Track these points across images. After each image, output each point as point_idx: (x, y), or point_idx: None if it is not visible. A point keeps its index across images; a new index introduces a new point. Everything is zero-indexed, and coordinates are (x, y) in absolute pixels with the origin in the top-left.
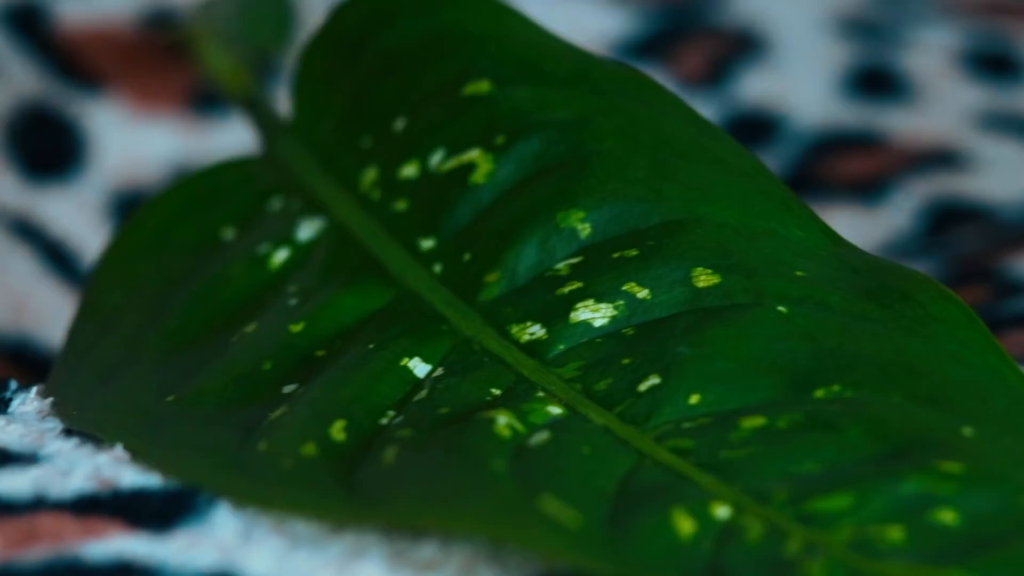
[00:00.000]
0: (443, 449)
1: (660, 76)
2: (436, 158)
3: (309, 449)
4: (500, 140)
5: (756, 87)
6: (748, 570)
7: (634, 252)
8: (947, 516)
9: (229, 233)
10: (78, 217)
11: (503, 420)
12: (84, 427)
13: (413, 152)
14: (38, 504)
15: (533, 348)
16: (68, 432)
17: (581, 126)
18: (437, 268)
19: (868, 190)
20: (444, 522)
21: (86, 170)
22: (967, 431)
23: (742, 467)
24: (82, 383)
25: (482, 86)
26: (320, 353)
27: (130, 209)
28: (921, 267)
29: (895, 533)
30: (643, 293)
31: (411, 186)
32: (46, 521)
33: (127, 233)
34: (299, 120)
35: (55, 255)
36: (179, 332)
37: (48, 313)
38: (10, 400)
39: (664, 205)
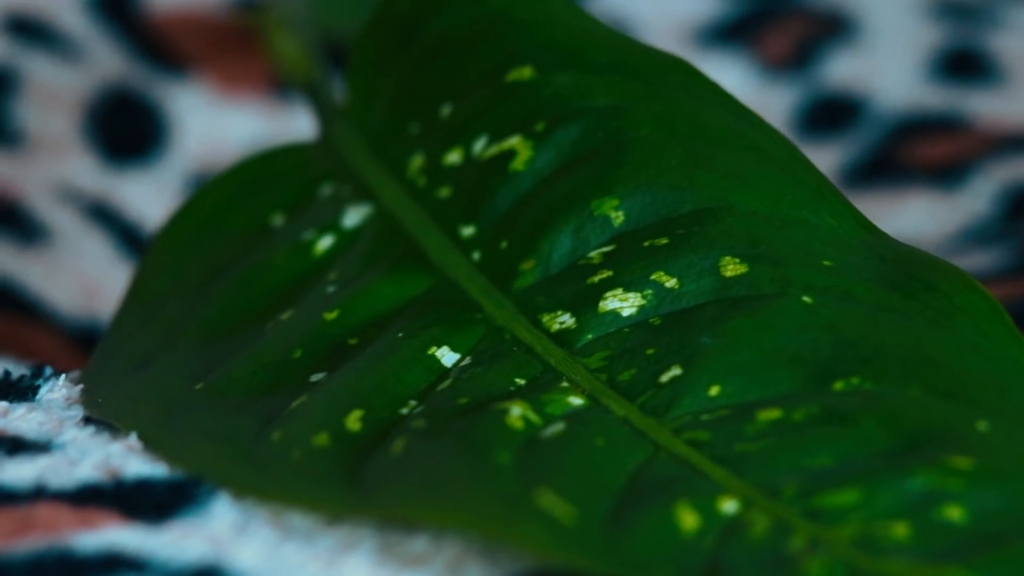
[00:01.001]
0: (451, 440)
1: (745, 59)
2: (479, 145)
3: (321, 439)
4: (540, 127)
5: (842, 69)
6: (748, 566)
7: (664, 241)
8: (954, 513)
9: (278, 219)
10: (155, 201)
11: (517, 411)
12: (105, 415)
13: (457, 138)
14: (38, 494)
15: (562, 338)
16: (88, 420)
17: (619, 113)
18: (476, 256)
19: (947, 174)
20: (433, 515)
21: (166, 153)
22: (982, 425)
23: (755, 460)
24: (116, 370)
25: (525, 72)
26: (353, 341)
27: None
28: (996, 253)
29: (901, 530)
30: (671, 282)
31: (455, 173)
32: (43, 511)
33: (178, 219)
34: (353, 106)
35: (130, 239)
36: (218, 320)
37: (119, 298)
38: (38, 387)
39: (696, 193)
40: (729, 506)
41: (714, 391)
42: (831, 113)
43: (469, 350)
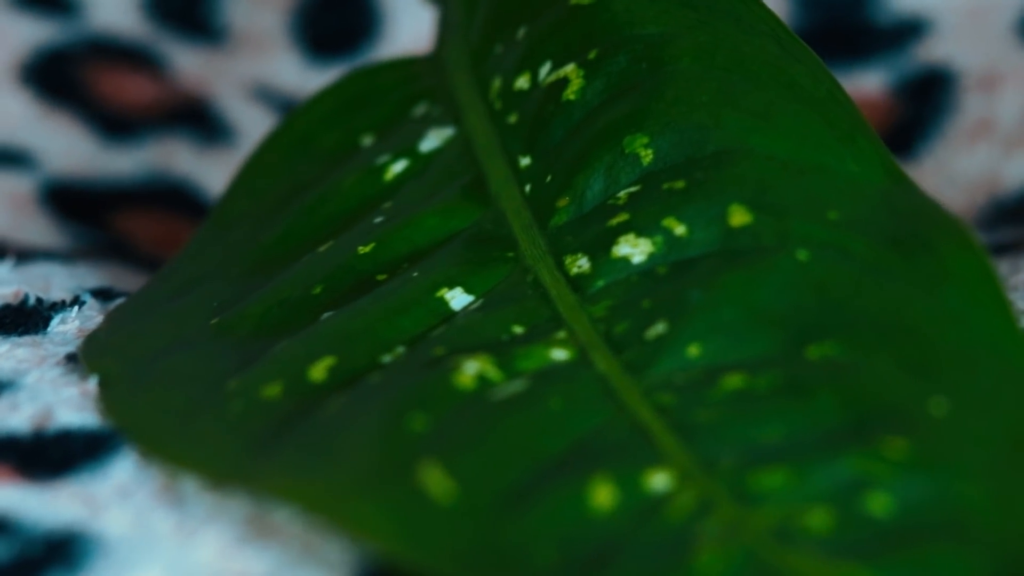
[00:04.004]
0: (379, 401)
1: None
2: (544, 70)
3: (272, 391)
4: (592, 55)
5: None
6: (646, 553)
7: (681, 184)
8: (879, 503)
9: (368, 140)
10: None
11: (473, 369)
12: (89, 354)
13: (527, 62)
14: None
15: (578, 282)
16: (70, 358)
17: (664, 43)
18: (527, 188)
19: None
20: (284, 493)
21: (375, 51)
22: (938, 406)
23: (707, 430)
24: (157, 296)
25: None
26: (381, 277)
27: None
28: None
29: (822, 518)
30: (681, 229)
31: (522, 98)
32: None
33: (275, 136)
34: (461, 20)
35: None
36: (273, 247)
37: None
38: (50, 318)
39: (720, 133)
40: (658, 481)
41: (693, 350)
42: None
43: (486, 292)
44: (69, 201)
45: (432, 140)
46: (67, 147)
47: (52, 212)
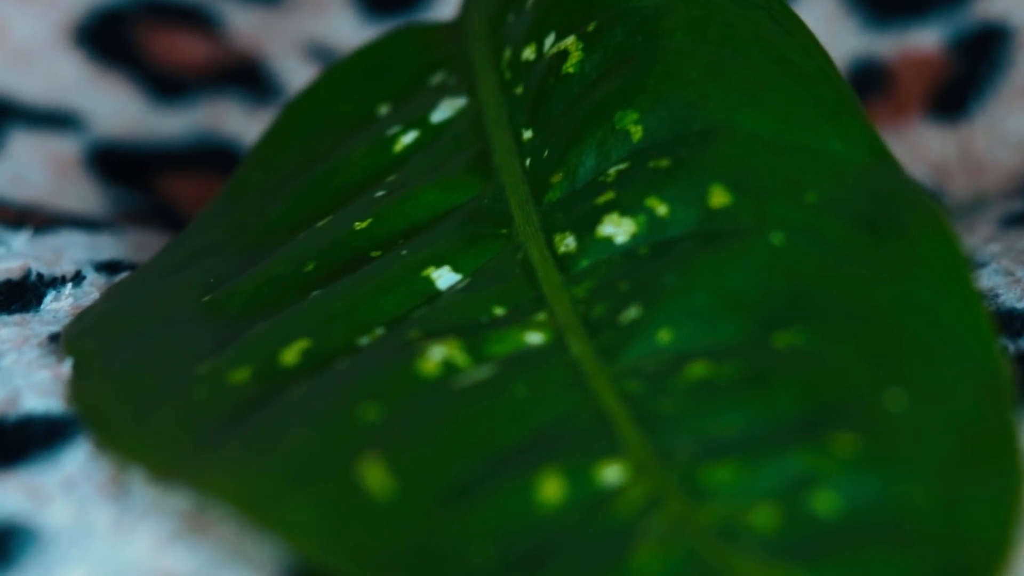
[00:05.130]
0: (337, 389)
1: None
2: (548, 41)
3: (240, 376)
4: (591, 27)
5: None
6: (585, 551)
7: (666, 163)
8: (825, 501)
9: (384, 109)
10: None
11: (439, 355)
12: (71, 335)
13: (533, 33)
14: None
15: (564, 262)
16: (53, 338)
17: (659, 16)
18: (528, 162)
19: None
20: (219, 492)
21: (430, 10)
22: (894, 399)
23: (669, 420)
24: (154, 273)
25: None
26: (375, 254)
27: None
28: None
29: (767, 517)
30: (663, 209)
31: (527, 69)
32: None
33: (295, 105)
34: None
35: None
36: (278, 221)
37: None
38: (44, 295)
39: (707, 111)
40: (611, 474)
41: (664, 336)
42: None
43: (475, 270)
44: (114, 164)
45: (444, 110)
46: (117, 108)
47: (96, 175)
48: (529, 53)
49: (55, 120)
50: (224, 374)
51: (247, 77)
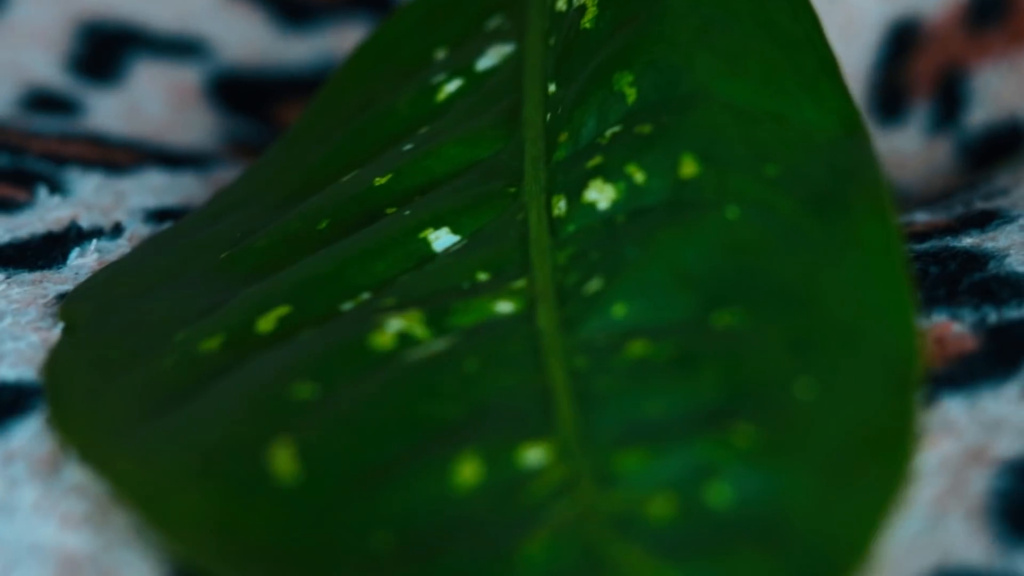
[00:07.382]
0: (279, 363)
1: None
2: None
3: (211, 344)
4: None
5: None
6: (489, 535)
7: (647, 128)
8: (718, 494)
9: (441, 54)
10: None
11: (395, 327)
12: (74, 296)
13: None
14: None
15: (555, 225)
16: (60, 297)
17: None
18: (549, 117)
19: None
20: (116, 479)
21: None
22: (804, 388)
23: (603, 399)
24: (190, 225)
25: None
26: (390, 211)
27: None
28: None
29: (663, 508)
30: (640, 177)
31: (560, 20)
32: None
33: (363, 48)
34: None
35: None
36: (319, 170)
37: None
38: (70, 251)
39: (691, 76)
40: (532, 456)
41: (619, 311)
42: None
43: (474, 232)
44: (237, 92)
45: (490, 58)
46: (243, 35)
47: (216, 104)
48: (562, 3)
49: (181, 48)
50: (197, 342)
51: (375, 1)
